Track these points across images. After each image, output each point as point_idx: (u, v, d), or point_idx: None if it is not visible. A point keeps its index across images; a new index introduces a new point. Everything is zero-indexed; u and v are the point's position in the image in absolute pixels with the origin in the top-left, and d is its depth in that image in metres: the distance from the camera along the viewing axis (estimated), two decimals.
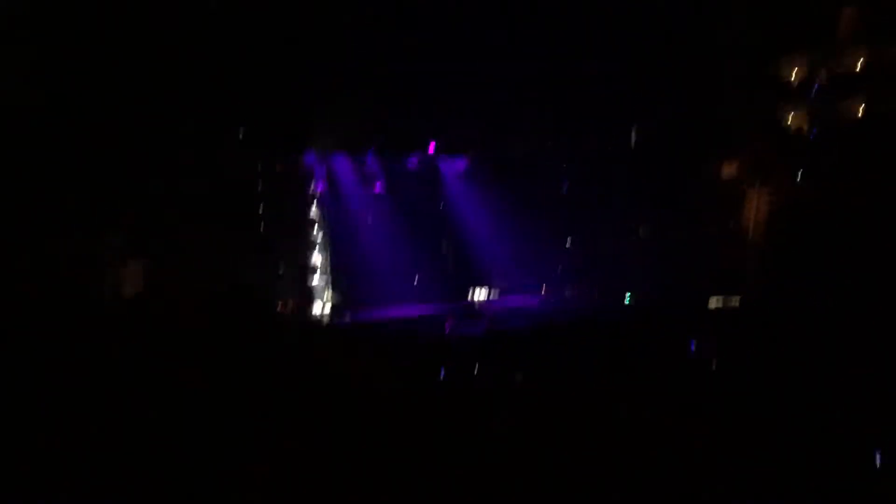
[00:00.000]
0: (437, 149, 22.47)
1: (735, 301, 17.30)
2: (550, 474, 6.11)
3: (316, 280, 20.73)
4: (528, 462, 6.17)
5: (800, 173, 17.52)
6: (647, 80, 19.55)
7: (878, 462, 5.92)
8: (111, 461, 6.14)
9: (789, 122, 18.63)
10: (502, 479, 5.94)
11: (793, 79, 18.61)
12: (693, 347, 11.25)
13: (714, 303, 17.49)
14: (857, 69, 17.59)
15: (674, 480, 5.82)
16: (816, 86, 18.03)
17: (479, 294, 22.96)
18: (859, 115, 17.52)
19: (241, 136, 18.11)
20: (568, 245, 23.60)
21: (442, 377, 9.84)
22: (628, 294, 20.75)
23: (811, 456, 6.04)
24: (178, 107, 16.24)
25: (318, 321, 19.45)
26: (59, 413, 7.20)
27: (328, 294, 20.87)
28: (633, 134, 21.27)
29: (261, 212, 19.07)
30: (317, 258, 20.82)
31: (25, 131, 14.26)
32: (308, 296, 19.86)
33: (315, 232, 20.85)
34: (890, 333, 10.21)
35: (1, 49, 13.81)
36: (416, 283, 22.37)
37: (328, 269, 20.96)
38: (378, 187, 22.15)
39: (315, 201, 20.89)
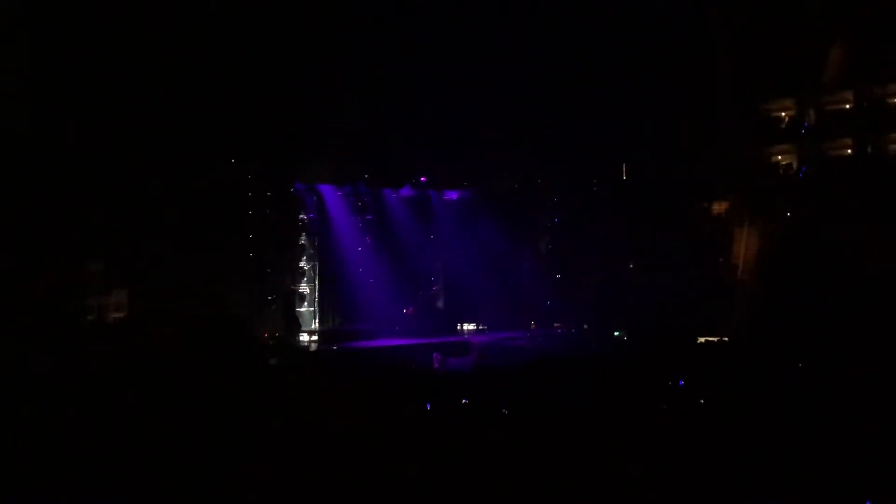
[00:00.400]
0: (428, 182, 22.52)
1: (723, 338, 17.25)
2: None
3: (304, 307, 20.59)
4: (514, 489, 6.07)
5: (788, 212, 17.62)
6: (638, 119, 19.72)
7: None
8: (97, 481, 6.09)
9: (778, 161, 18.80)
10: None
11: (782, 119, 18.82)
12: (682, 383, 11.16)
13: (702, 338, 17.44)
14: (845, 109, 17.82)
15: None
16: (805, 125, 18.23)
17: (468, 328, 22.83)
18: (847, 153, 17.72)
19: (232, 163, 18.09)
20: (559, 280, 23.59)
21: (428, 409, 9.71)
22: (616, 332, 20.68)
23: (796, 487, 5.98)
24: (170, 133, 16.23)
25: (304, 348, 19.25)
26: (46, 431, 7.15)
27: (315, 322, 20.70)
28: (624, 171, 21.41)
29: (250, 239, 18.98)
30: (305, 286, 20.69)
31: (14, 156, 14.21)
32: (295, 323, 19.68)
33: (304, 260, 20.74)
34: (875, 367, 10.22)
35: None
36: (405, 314, 22.25)
37: (316, 297, 20.83)
38: (369, 217, 22.13)
39: (305, 230, 20.82)
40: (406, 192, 22.65)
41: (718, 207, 19.46)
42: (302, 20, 17.51)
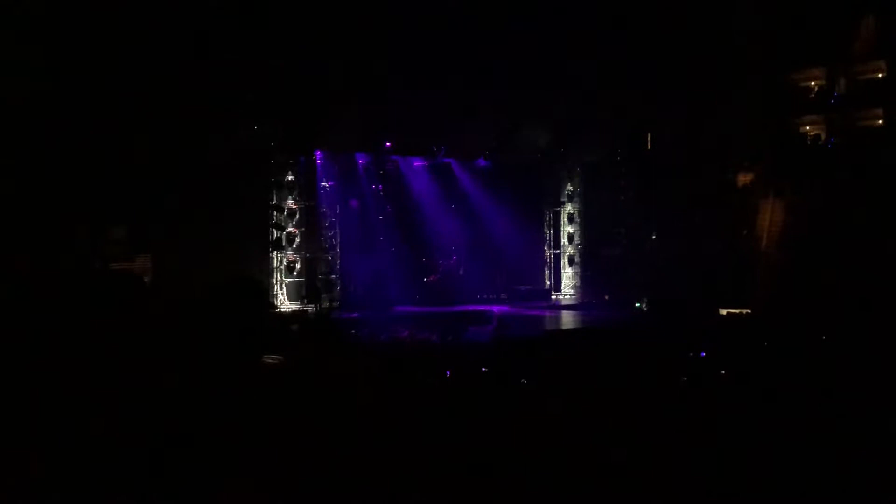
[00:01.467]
0: (449, 150, 22.40)
1: (745, 310, 17.13)
2: (552, 480, 6.03)
3: (325, 275, 20.66)
4: (530, 467, 6.08)
5: (816, 183, 17.33)
6: (662, 88, 19.42)
7: None
8: (113, 454, 6.14)
9: (806, 132, 18.47)
10: (504, 481, 5.87)
11: (811, 88, 18.45)
12: (703, 355, 11.12)
13: (725, 311, 17.32)
14: (877, 79, 17.43)
15: (680, 486, 5.74)
16: (835, 95, 17.86)
17: (489, 298, 22.85)
18: (878, 124, 17.36)
19: (254, 130, 18.09)
20: (581, 251, 23.53)
21: (448, 377, 9.76)
22: (637, 303, 20.63)
23: (817, 466, 5.95)
24: (192, 100, 16.23)
25: (326, 315, 19.37)
26: (62, 406, 7.21)
27: (335, 290, 20.79)
28: (648, 141, 21.16)
29: (271, 206, 19.03)
30: (326, 254, 20.74)
31: (32, 127, 14.27)
32: (314, 292, 19.78)
33: (325, 227, 20.76)
34: None
35: (7, 45, 13.82)
36: (426, 282, 22.31)
37: (338, 264, 20.89)
38: (389, 186, 22.12)
39: (326, 197, 20.83)
40: (427, 160, 22.60)
41: (744, 178, 19.20)
42: None
